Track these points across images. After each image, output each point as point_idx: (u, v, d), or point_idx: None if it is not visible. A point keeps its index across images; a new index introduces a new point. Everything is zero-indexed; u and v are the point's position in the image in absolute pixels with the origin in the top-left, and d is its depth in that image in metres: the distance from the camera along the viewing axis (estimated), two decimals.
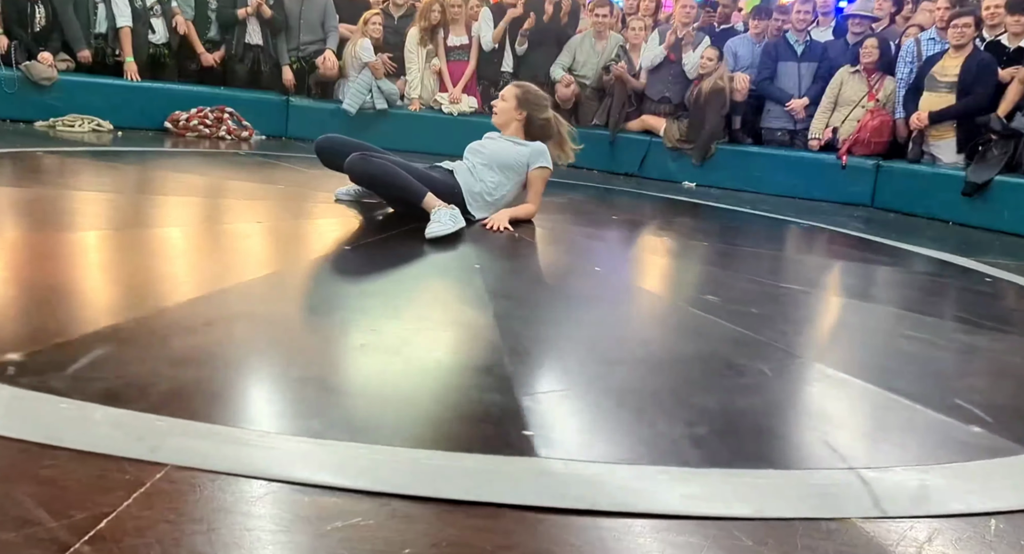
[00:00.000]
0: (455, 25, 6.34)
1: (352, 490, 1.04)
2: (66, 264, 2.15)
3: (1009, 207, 4.65)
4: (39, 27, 5.50)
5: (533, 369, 1.67)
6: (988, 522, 1.13)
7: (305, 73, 6.37)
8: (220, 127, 5.74)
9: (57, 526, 0.89)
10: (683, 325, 2.23)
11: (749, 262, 3.32)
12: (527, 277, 2.73)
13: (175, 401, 1.25)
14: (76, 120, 5.39)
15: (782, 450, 1.34)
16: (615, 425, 1.39)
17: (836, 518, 1.10)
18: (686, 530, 1.04)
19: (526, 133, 3.37)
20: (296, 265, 2.50)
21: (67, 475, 1.00)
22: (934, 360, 2.05)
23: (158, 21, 6.01)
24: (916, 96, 5.25)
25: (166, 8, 6.00)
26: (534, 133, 3.38)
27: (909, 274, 3.47)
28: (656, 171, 6.02)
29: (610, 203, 4.90)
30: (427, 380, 1.54)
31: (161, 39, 6.04)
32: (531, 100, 3.36)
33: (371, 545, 0.93)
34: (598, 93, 6.38)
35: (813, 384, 1.81)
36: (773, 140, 5.93)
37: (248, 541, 0.92)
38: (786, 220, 4.52)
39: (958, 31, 4.93)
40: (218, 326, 1.70)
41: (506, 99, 3.35)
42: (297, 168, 4.62)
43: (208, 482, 1.02)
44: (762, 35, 6.07)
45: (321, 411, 1.30)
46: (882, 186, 5.40)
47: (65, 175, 3.82)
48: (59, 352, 1.42)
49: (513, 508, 1.05)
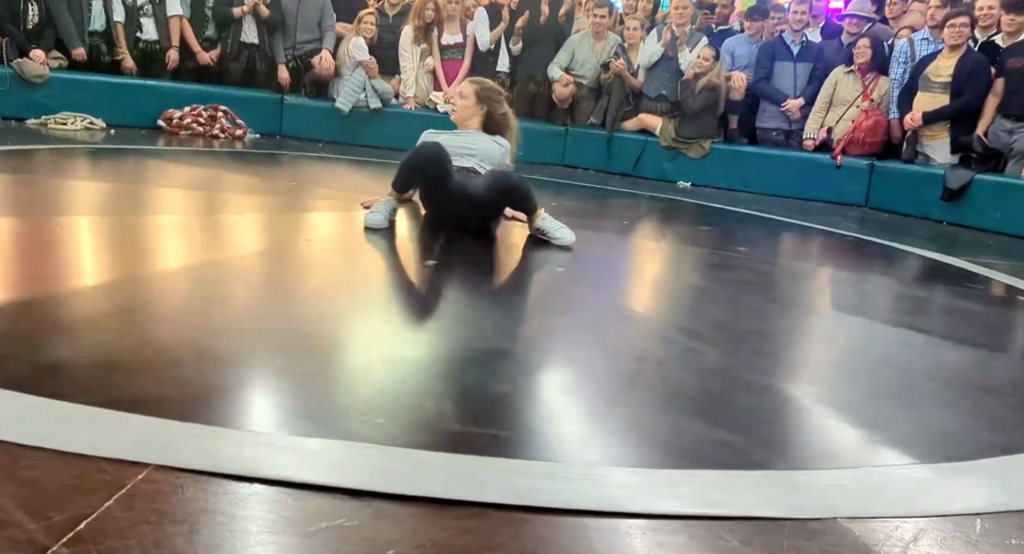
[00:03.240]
0: (449, 24, 6.33)
1: (337, 490, 1.03)
2: (44, 256, 2.14)
3: (1002, 208, 4.66)
4: (32, 24, 5.47)
5: (519, 370, 1.66)
6: (973, 521, 1.13)
7: (300, 72, 6.36)
8: (214, 125, 5.73)
9: (36, 527, 0.88)
10: (668, 331, 2.23)
11: (740, 270, 3.32)
12: (509, 278, 2.73)
13: (157, 400, 1.24)
14: (68, 118, 5.36)
15: (768, 450, 1.34)
16: (601, 426, 1.39)
17: (822, 518, 1.09)
18: (673, 530, 1.04)
19: (485, 127, 3.35)
20: (295, 266, 2.50)
21: (47, 476, 0.99)
22: (918, 363, 2.05)
23: (148, 20, 6.00)
24: (910, 96, 5.25)
25: (157, 9, 5.99)
26: (493, 127, 3.35)
27: (900, 279, 3.48)
28: (651, 171, 6.02)
29: (608, 205, 4.90)
30: (412, 379, 1.53)
31: (151, 37, 6.03)
32: (490, 96, 3.34)
33: (355, 546, 0.93)
34: (595, 93, 6.38)
35: (798, 387, 1.81)
36: (768, 140, 5.94)
37: (231, 542, 0.91)
38: (780, 221, 4.53)
39: (955, 31, 4.94)
40: (199, 323, 1.69)
41: (465, 96, 3.32)
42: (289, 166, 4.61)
43: (191, 483, 1.01)
44: (758, 35, 6.08)
45: (306, 411, 1.29)
46: (876, 186, 5.41)
47: (49, 173, 3.81)
48: (37, 350, 1.41)
49: (499, 508, 1.04)
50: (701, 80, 5.72)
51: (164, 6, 5.99)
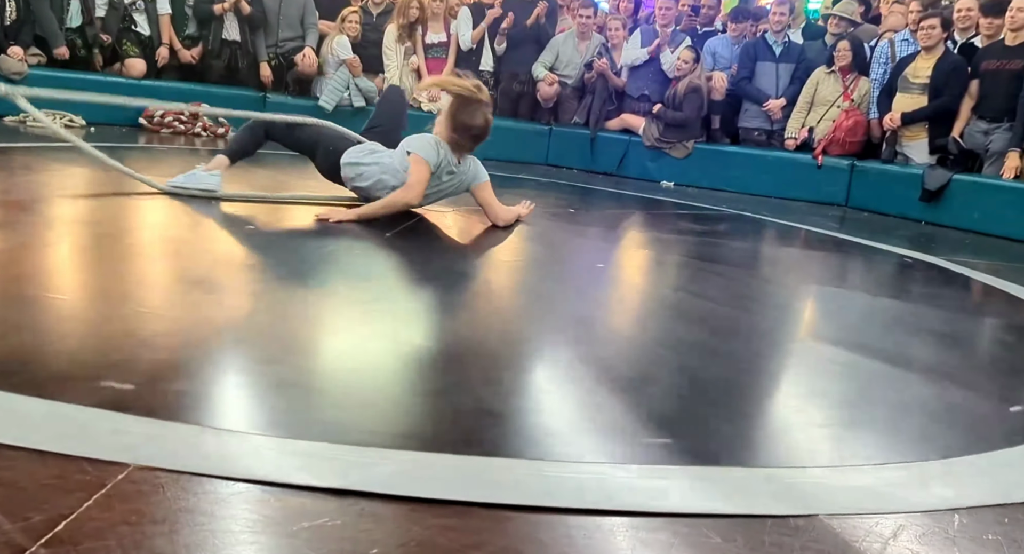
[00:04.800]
0: (433, 22, 6.32)
1: (320, 489, 1.03)
2: (24, 256, 2.11)
3: (980, 208, 4.73)
4: (9, 20, 5.40)
5: (501, 368, 1.66)
6: (951, 517, 1.14)
7: (283, 70, 6.32)
8: (195, 123, 5.68)
9: (13, 528, 0.87)
10: (652, 326, 2.24)
11: (719, 268, 3.34)
12: (494, 278, 2.73)
13: (137, 399, 1.23)
14: (47, 115, 5.28)
15: (750, 447, 1.35)
16: (584, 423, 1.39)
17: (803, 514, 1.10)
18: (655, 527, 1.04)
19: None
20: (276, 263, 2.48)
21: (25, 476, 0.98)
22: (896, 360, 2.07)
23: (140, 16, 5.94)
24: (890, 97, 5.32)
25: (149, 6, 5.94)
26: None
27: (876, 277, 3.51)
28: (635, 170, 6.05)
29: (590, 203, 4.91)
30: (395, 378, 1.53)
31: (145, 31, 5.98)
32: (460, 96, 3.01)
33: (338, 545, 0.92)
34: (578, 92, 6.39)
35: (781, 383, 1.82)
36: (750, 140, 5.99)
37: (212, 542, 0.90)
38: (762, 220, 4.56)
39: (925, 33, 5.01)
40: (179, 320, 1.68)
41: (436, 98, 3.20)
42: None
43: (171, 482, 1.00)
44: (741, 36, 6.12)
45: (288, 409, 1.28)
46: (857, 186, 5.47)
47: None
48: (13, 347, 1.39)
49: (482, 506, 1.04)
50: (683, 81, 5.76)
51: (155, 3, 5.95)
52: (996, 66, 4.82)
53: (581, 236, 3.66)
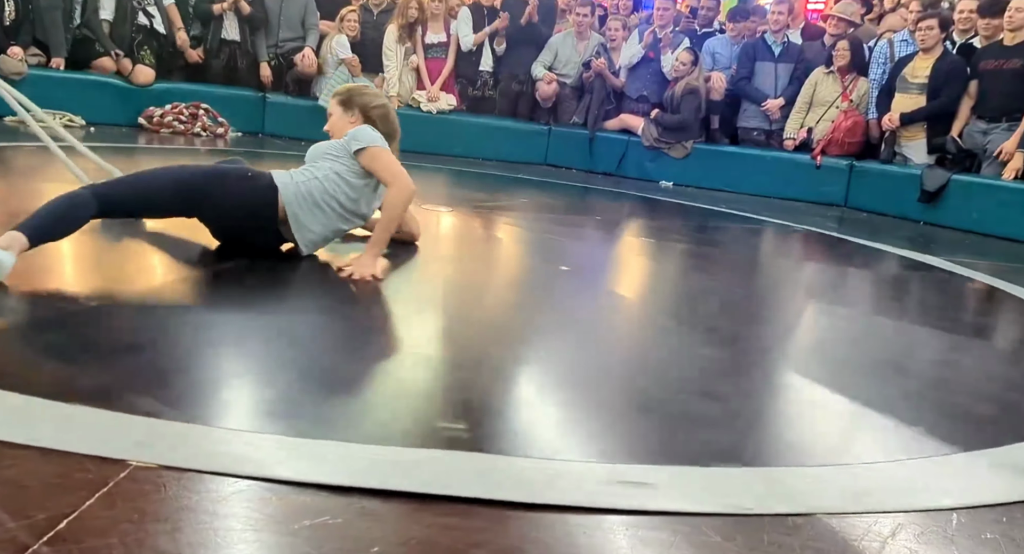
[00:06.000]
0: (433, 22, 6.32)
1: (321, 487, 1.03)
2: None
3: (978, 208, 4.74)
4: (9, 21, 5.39)
5: (502, 368, 1.67)
6: (949, 516, 1.15)
7: (283, 69, 6.32)
8: (195, 123, 5.68)
9: (16, 526, 0.87)
10: (651, 328, 2.24)
11: (718, 267, 3.35)
12: (493, 277, 2.73)
13: (139, 398, 1.23)
14: (47, 116, 5.28)
15: (749, 447, 1.35)
16: (585, 423, 1.40)
17: (802, 513, 1.11)
18: (655, 526, 1.05)
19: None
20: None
21: (28, 474, 0.99)
22: (895, 360, 2.08)
23: (153, 9, 5.93)
24: (888, 97, 5.32)
25: (160, 7, 5.94)
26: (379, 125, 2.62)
27: (876, 277, 3.52)
28: (634, 170, 6.05)
29: (590, 203, 4.91)
30: (397, 377, 1.53)
31: (160, 30, 5.97)
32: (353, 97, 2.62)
33: (340, 543, 0.93)
34: (577, 92, 6.40)
35: (780, 383, 1.83)
36: (749, 140, 5.99)
37: (214, 540, 0.90)
38: (761, 220, 4.56)
39: (923, 33, 5.02)
40: (179, 320, 1.68)
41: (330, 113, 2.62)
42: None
43: (173, 481, 1.01)
44: (740, 36, 6.12)
45: (290, 408, 1.29)
46: (855, 186, 5.47)
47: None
48: (17, 347, 1.39)
49: (483, 505, 1.04)
50: (680, 83, 5.76)
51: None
52: (995, 66, 4.83)
53: (580, 239, 3.66)
